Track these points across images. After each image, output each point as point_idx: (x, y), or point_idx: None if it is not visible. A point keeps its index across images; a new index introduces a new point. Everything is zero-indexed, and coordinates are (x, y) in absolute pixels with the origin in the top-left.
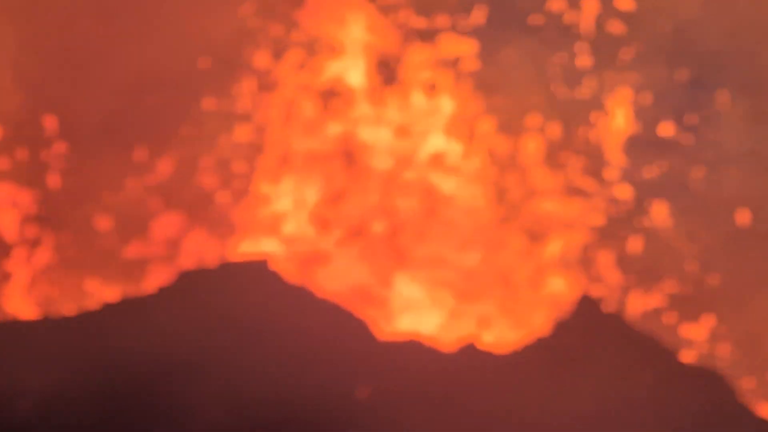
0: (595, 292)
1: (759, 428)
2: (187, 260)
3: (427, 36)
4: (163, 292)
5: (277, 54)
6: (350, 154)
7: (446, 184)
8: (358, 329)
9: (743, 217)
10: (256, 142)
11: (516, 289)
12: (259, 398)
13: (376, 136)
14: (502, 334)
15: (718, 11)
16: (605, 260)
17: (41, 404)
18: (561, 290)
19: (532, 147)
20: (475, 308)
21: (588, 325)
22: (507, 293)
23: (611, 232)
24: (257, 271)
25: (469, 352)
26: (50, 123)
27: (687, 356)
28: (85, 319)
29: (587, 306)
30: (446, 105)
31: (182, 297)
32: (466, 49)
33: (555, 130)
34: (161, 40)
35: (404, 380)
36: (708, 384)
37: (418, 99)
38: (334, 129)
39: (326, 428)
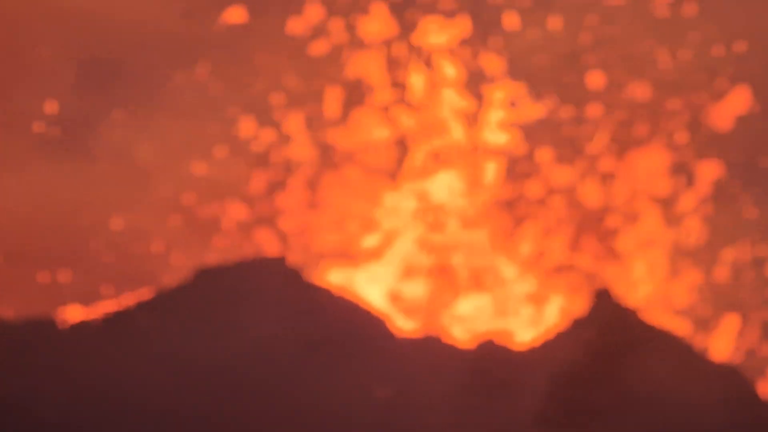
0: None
1: None
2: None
3: None
4: (183, 296)
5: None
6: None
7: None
8: (377, 327)
9: None
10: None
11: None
12: (278, 401)
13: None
14: (520, 331)
15: None
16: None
17: (62, 412)
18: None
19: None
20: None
21: (605, 321)
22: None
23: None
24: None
25: (488, 349)
26: None
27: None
28: (104, 326)
29: (606, 301)
30: None
31: (201, 301)
32: None
33: None
34: None
35: (424, 378)
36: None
37: None
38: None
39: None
